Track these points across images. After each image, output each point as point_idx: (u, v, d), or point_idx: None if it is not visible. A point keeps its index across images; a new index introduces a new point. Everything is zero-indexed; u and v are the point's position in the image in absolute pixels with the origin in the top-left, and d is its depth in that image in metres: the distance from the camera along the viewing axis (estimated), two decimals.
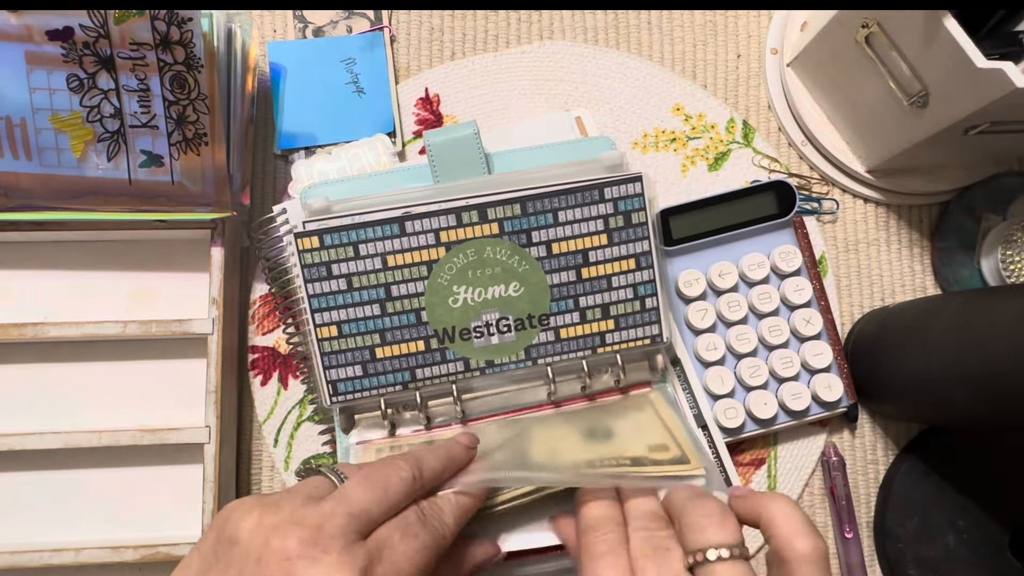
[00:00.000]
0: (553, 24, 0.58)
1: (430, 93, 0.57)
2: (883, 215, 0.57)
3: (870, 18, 0.47)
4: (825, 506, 0.54)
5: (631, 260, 0.47)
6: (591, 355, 0.47)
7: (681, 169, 0.56)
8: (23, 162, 0.46)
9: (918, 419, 0.54)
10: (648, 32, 0.58)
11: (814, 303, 0.52)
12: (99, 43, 0.44)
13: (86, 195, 0.47)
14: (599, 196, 0.46)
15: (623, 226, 0.47)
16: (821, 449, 0.54)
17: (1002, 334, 0.40)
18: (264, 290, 0.54)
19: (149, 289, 0.52)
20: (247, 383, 0.53)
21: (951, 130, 0.46)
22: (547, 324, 0.47)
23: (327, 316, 0.46)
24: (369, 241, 0.45)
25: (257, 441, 0.53)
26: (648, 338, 0.47)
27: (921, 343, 0.47)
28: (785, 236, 0.53)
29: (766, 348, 0.52)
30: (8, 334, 0.49)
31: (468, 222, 0.46)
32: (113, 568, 0.49)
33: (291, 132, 0.55)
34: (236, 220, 0.52)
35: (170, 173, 0.47)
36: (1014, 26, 0.46)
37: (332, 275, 0.45)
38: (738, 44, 0.58)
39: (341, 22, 0.57)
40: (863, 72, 0.49)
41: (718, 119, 0.57)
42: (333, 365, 0.46)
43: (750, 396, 0.51)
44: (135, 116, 0.46)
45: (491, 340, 0.47)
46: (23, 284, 0.52)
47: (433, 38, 0.57)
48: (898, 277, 0.57)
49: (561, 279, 0.47)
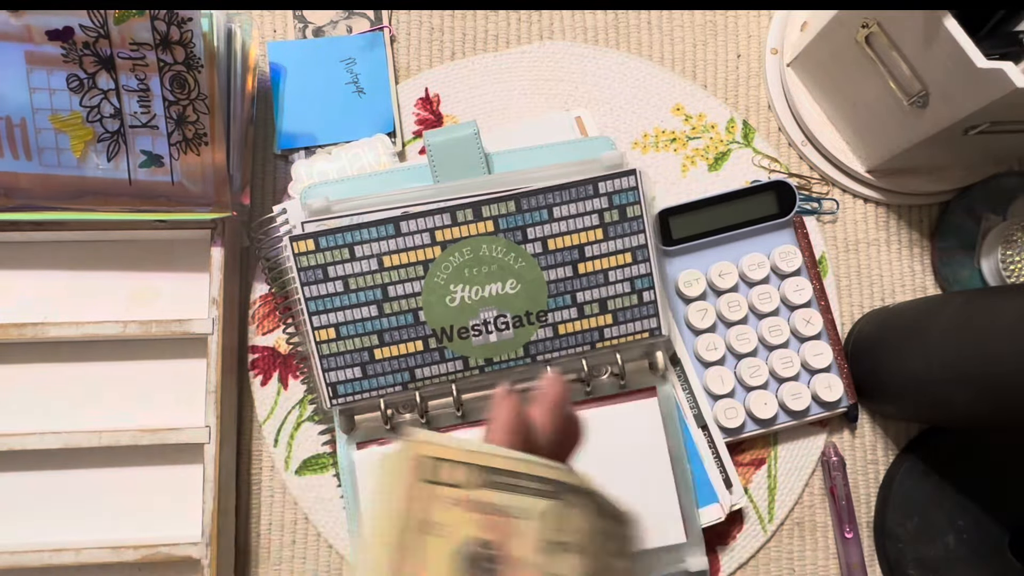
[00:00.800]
0: (553, 24, 0.58)
1: (430, 93, 0.57)
2: (883, 215, 0.57)
3: (870, 18, 0.47)
4: (825, 506, 0.54)
5: (627, 254, 0.47)
6: (590, 350, 0.47)
7: (681, 169, 0.56)
8: (23, 162, 0.46)
9: (918, 419, 0.54)
10: (648, 32, 0.58)
11: (814, 303, 0.52)
12: (99, 43, 0.44)
13: (86, 195, 0.47)
14: (593, 191, 0.46)
15: (618, 220, 0.47)
16: (821, 449, 0.54)
17: (1002, 334, 0.40)
18: (264, 290, 0.54)
19: (149, 289, 0.52)
20: (247, 383, 0.53)
21: (951, 130, 0.46)
22: (545, 320, 0.47)
23: (325, 319, 0.46)
24: (364, 242, 0.45)
25: (257, 441, 0.53)
26: (646, 331, 0.47)
27: (921, 343, 0.47)
28: (785, 236, 0.53)
29: (766, 348, 0.52)
30: (8, 334, 0.49)
31: (463, 220, 0.46)
32: (113, 568, 0.49)
33: (291, 132, 0.55)
34: (236, 220, 0.52)
35: (170, 173, 0.47)
36: (1014, 26, 0.46)
37: (328, 277, 0.45)
38: (738, 44, 0.58)
39: (341, 22, 0.57)
40: (863, 72, 0.49)
41: (718, 119, 0.57)
42: (332, 367, 0.46)
43: (750, 396, 0.51)
44: (135, 116, 0.46)
45: (489, 338, 0.47)
46: (23, 284, 0.52)
47: (433, 38, 0.57)
48: (898, 277, 0.57)
49: (558, 275, 0.47)
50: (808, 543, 0.54)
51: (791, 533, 0.54)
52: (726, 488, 0.49)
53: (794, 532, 0.54)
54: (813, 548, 0.54)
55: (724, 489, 0.48)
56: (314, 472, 0.52)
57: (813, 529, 0.54)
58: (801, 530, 0.54)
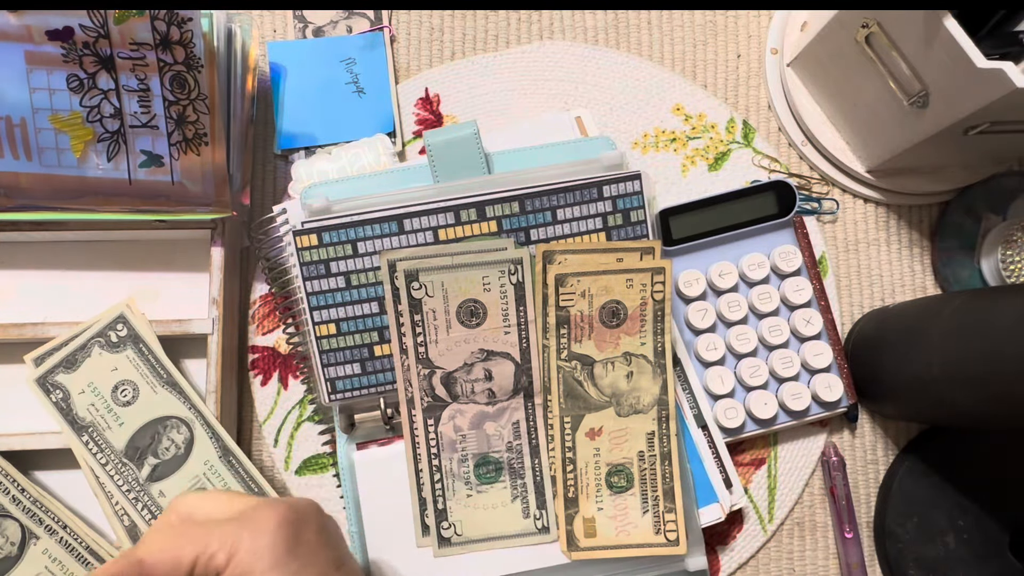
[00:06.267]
0: (553, 24, 0.58)
1: (430, 93, 0.57)
2: (883, 215, 0.57)
3: (870, 18, 0.47)
4: (825, 506, 0.54)
5: None
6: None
7: (681, 169, 0.56)
8: (23, 162, 0.46)
9: (918, 419, 0.54)
10: (648, 32, 0.58)
11: (814, 303, 0.52)
12: (99, 43, 0.44)
13: (86, 195, 0.47)
14: (598, 194, 0.46)
15: (622, 224, 0.47)
16: (821, 449, 0.54)
17: (1002, 334, 0.40)
18: (264, 290, 0.54)
19: (149, 289, 0.52)
20: (247, 383, 0.53)
21: (951, 130, 0.46)
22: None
23: (326, 314, 0.46)
24: (368, 239, 0.45)
25: (257, 441, 0.53)
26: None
27: (921, 343, 0.47)
28: (785, 236, 0.53)
29: (766, 348, 0.52)
30: (8, 334, 0.49)
31: (466, 220, 0.46)
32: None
33: (291, 132, 0.55)
34: (236, 220, 0.52)
35: (170, 173, 0.47)
36: (1014, 26, 0.46)
37: (331, 273, 0.46)
38: (738, 44, 0.58)
39: (341, 22, 0.57)
40: (863, 72, 0.49)
41: (718, 119, 0.57)
42: (332, 363, 0.46)
43: (750, 396, 0.51)
44: (135, 116, 0.46)
45: None
46: (23, 284, 0.52)
47: (433, 38, 0.57)
48: (898, 277, 0.57)
49: None
50: (808, 543, 0.54)
51: (791, 533, 0.54)
52: (726, 488, 0.49)
53: (794, 532, 0.54)
54: (813, 548, 0.54)
55: (724, 489, 0.48)
56: (314, 472, 0.52)
57: (813, 529, 0.54)
58: (801, 530, 0.54)
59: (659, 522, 0.46)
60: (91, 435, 0.47)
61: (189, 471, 0.48)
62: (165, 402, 0.48)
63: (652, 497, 0.46)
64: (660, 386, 0.46)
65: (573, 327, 0.46)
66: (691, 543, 0.47)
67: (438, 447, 0.46)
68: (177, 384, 0.48)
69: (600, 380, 0.46)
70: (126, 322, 0.48)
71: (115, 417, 0.47)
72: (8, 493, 0.47)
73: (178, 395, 0.48)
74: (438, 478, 0.46)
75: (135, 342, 0.48)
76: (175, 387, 0.48)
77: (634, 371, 0.46)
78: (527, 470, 0.46)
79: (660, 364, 0.46)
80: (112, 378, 0.48)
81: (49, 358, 0.48)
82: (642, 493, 0.46)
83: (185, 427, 0.48)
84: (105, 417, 0.47)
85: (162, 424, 0.48)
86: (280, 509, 0.35)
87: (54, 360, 0.48)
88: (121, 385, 0.48)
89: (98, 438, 0.47)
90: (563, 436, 0.46)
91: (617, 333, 0.46)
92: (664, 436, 0.46)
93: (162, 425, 0.48)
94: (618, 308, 0.46)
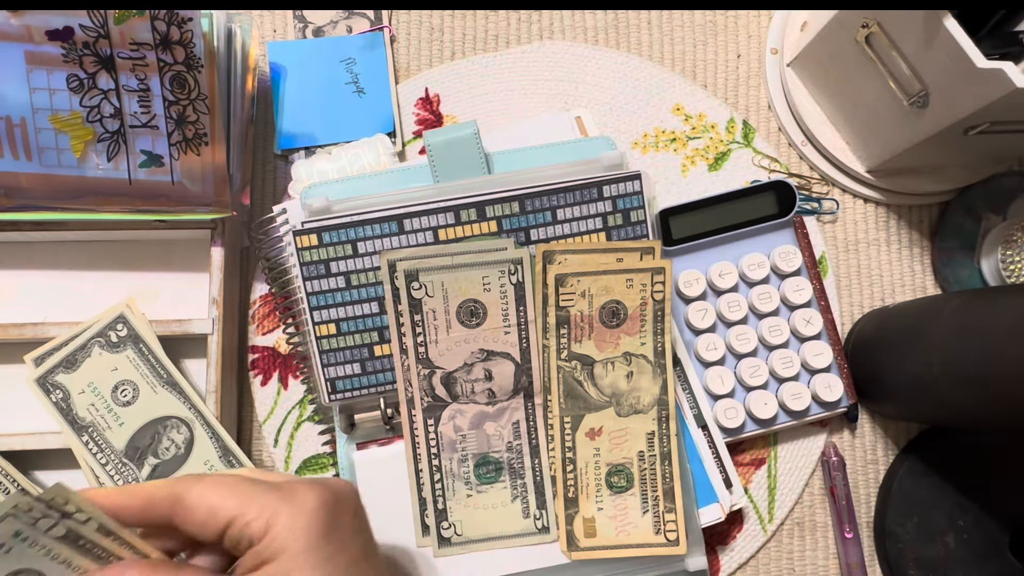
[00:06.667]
0: (553, 24, 0.58)
1: (430, 93, 0.57)
2: (883, 215, 0.57)
3: (870, 18, 0.47)
4: (825, 506, 0.54)
5: None
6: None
7: (681, 169, 0.56)
8: (23, 162, 0.46)
9: (918, 419, 0.54)
10: (648, 32, 0.58)
11: (814, 303, 0.52)
12: (99, 43, 0.44)
13: (86, 195, 0.47)
14: (598, 194, 0.46)
15: (622, 224, 0.47)
16: (821, 449, 0.54)
17: (1002, 334, 0.40)
18: (264, 290, 0.54)
19: (149, 289, 0.52)
20: (247, 383, 0.53)
21: (951, 130, 0.46)
22: None
23: (325, 314, 0.46)
24: (367, 239, 0.45)
25: (257, 441, 0.53)
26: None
27: (921, 343, 0.47)
28: (785, 236, 0.53)
29: (766, 348, 0.52)
30: (8, 334, 0.49)
31: (466, 220, 0.46)
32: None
33: (291, 132, 0.55)
34: (236, 220, 0.52)
35: (170, 173, 0.47)
36: (1014, 26, 0.46)
37: (331, 273, 0.46)
38: (738, 44, 0.58)
39: (341, 22, 0.57)
40: (863, 72, 0.49)
41: (718, 119, 0.57)
42: (332, 363, 0.46)
43: (750, 396, 0.51)
44: (135, 116, 0.46)
45: None
46: (23, 284, 0.52)
47: (433, 38, 0.57)
48: (898, 277, 0.57)
49: None
50: (808, 543, 0.54)
51: (791, 533, 0.54)
52: (726, 488, 0.49)
53: (794, 532, 0.54)
54: (813, 548, 0.54)
55: (724, 489, 0.48)
56: (314, 472, 0.52)
57: (813, 529, 0.54)
58: (801, 530, 0.54)
59: (659, 522, 0.46)
60: (91, 435, 0.47)
61: (189, 471, 0.47)
62: (165, 402, 0.48)
63: (652, 497, 0.46)
64: (660, 386, 0.46)
65: (573, 327, 0.46)
66: (691, 543, 0.47)
67: (438, 447, 0.46)
68: (177, 384, 0.48)
69: (600, 380, 0.46)
70: (126, 322, 0.48)
71: (115, 417, 0.47)
72: (8, 493, 0.47)
73: (178, 395, 0.48)
74: (438, 478, 0.46)
75: (135, 342, 0.48)
76: (175, 387, 0.48)
77: (634, 371, 0.46)
78: (527, 470, 0.46)
79: (660, 364, 0.46)
80: (112, 378, 0.48)
81: (49, 358, 0.48)
82: (642, 493, 0.46)
83: (185, 427, 0.48)
84: (105, 417, 0.47)
85: (162, 424, 0.48)
86: (321, 491, 0.34)
87: (54, 360, 0.48)
88: (121, 385, 0.48)
89: (98, 438, 0.47)
90: (563, 436, 0.46)
91: (617, 333, 0.46)
92: (664, 436, 0.46)
93: (162, 425, 0.48)
94: (618, 308, 0.46)
